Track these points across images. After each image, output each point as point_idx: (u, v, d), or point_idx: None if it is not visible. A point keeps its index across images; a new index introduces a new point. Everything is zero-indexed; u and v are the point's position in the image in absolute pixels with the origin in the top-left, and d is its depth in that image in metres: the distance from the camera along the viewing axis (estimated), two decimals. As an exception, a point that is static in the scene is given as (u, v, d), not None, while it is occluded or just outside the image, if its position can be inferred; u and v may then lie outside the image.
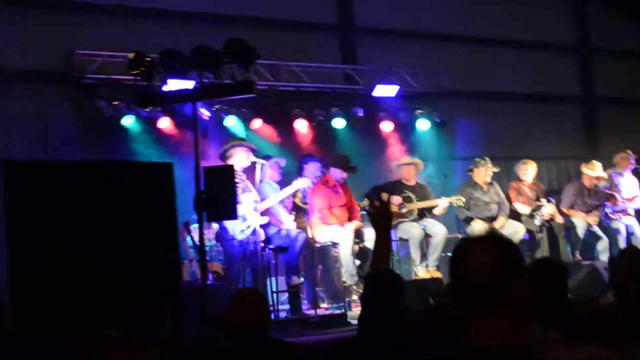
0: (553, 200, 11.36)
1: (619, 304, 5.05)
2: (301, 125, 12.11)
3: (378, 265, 4.71)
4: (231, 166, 8.04)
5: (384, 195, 4.48)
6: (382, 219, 4.63)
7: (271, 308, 8.65)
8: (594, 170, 11.62)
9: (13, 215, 6.10)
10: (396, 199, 10.51)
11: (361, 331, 4.49)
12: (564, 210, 11.43)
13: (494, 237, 2.52)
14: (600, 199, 11.63)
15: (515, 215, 11.21)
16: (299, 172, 10.64)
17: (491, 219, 10.95)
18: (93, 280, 5.75)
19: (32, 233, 6.07)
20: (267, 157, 10.19)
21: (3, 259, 6.07)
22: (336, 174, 10.14)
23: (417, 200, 10.63)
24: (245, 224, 9.00)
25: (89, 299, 5.52)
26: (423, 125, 12.86)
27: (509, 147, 13.81)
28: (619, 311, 4.45)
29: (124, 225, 6.42)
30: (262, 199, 9.46)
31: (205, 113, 10.93)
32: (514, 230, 10.77)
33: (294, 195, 10.37)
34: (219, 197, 7.47)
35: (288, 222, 9.81)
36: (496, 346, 2.32)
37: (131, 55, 7.72)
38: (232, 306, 4.52)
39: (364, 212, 10.67)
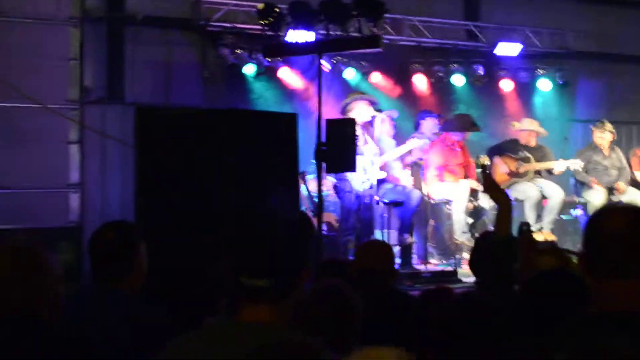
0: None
1: None
2: (420, 81, 12.01)
3: (500, 231, 4.74)
4: (353, 119, 8.06)
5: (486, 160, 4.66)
6: (491, 189, 4.79)
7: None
8: None
9: (144, 158, 6.27)
10: (506, 166, 10.43)
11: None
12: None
13: (633, 205, 2.55)
14: None
15: (635, 183, 10.92)
16: (416, 128, 10.63)
17: (610, 184, 10.72)
18: (221, 227, 5.89)
19: (160, 176, 6.24)
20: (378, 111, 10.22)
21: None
22: (456, 135, 10.08)
23: (535, 161, 10.49)
24: (365, 176, 9.05)
25: (220, 247, 5.69)
26: (544, 85, 12.58)
27: (631, 112, 13.42)
28: None
29: (249, 173, 6.54)
30: (380, 154, 9.51)
31: (325, 65, 10.95)
32: (633, 199, 10.52)
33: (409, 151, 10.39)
34: (339, 149, 7.53)
35: (404, 178, 9.83)
36: (626, 309, 2.33)
37: (260, 5, 7.82)
38: (361, 255, 4.53)
39: (479, 171, 10.62)
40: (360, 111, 9.21)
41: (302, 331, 2.48)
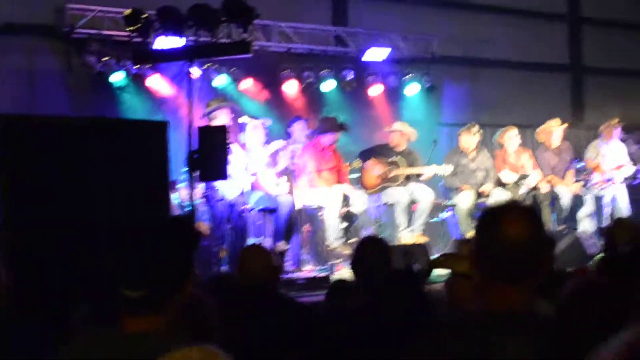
0: (538, 169, 11.39)
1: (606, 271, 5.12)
2: (290, 87, 12.02)
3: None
4: (224, 127, 8.01)
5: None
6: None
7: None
8: (549, 128, 11.73)
9: (8, 168, 6.04)
10: (377, 170, 10.57)
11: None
12: (548, 178, 11.41)
13: (526, 208, 2.56)
14: (567, 155, 11.71)
15: (500, 184, 11.22)
16: (287, 135, 10.63)
17: (478, 186, 10.97)
18: (90, 238, 5.75)
19: (26, 187, 6.02)
20: (252, 118, 10.18)
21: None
22: (326, 138, 10.14)
23: (406, 166, 10.65)
24: (234, 184, 9.00)
25: (88, 259, 5.53)
26: (412, 89, 12.82)
27: (496, 114, 13.81)
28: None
29: (115, 183, 6.38)
30: (251, 161, 9.49)
31: (195, 71, 10.80)
32: (500, 199, 10.78)
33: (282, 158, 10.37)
34: (211, 157, 7.46)
35: (276, 185, 9.82)
36: (515, 311, 2.37)
37: (127, 11, 7.66)
38: (242, 263, 4.54)
39: (351, 177, 10.72)
40: (223, 119, 9.18)
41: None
